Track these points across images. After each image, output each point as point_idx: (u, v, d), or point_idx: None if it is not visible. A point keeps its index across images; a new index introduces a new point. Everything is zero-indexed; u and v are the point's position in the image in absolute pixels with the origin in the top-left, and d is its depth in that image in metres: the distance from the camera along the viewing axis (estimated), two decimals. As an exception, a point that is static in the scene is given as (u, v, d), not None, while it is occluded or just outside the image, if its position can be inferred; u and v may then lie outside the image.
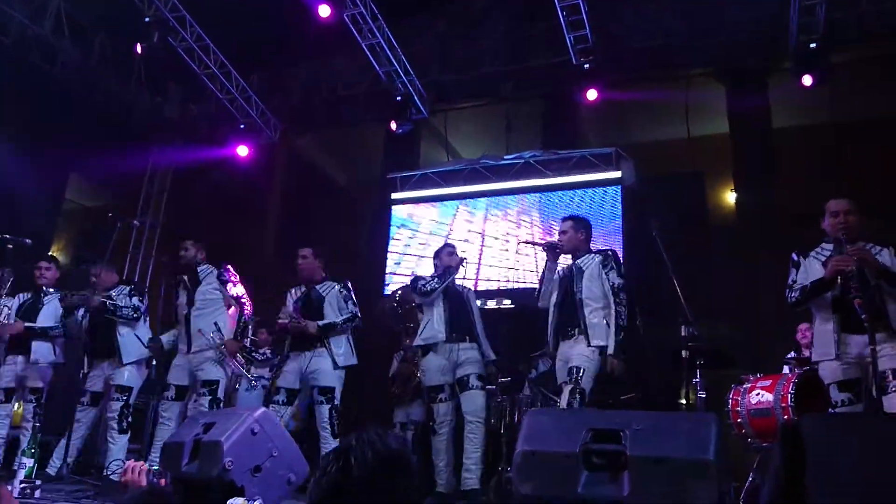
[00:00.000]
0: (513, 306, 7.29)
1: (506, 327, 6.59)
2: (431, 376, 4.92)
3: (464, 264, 5.20)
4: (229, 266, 5.35)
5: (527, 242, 6.70)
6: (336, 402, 4.89)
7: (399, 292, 7.34)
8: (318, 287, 5.16)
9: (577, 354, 4.23)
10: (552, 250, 4.60)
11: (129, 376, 5.21)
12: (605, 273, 4.34)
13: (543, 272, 4.65)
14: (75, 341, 5.55)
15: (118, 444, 5.08)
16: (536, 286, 4.77)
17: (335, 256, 5.43)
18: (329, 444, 4.80)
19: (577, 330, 4.29)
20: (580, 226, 4.58)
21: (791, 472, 1.86)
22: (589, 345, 4.21)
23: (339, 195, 9.86)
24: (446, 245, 5.47)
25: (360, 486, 1.42)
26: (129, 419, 5.18)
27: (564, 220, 4.68)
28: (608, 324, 4.23)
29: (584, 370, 4.14)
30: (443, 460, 4.80)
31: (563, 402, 4.15)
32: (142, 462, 3.37)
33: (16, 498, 2.62)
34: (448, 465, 4.81)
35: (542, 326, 4.62)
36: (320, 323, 4.95)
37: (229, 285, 5.26)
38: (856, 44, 6.92)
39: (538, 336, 4.96)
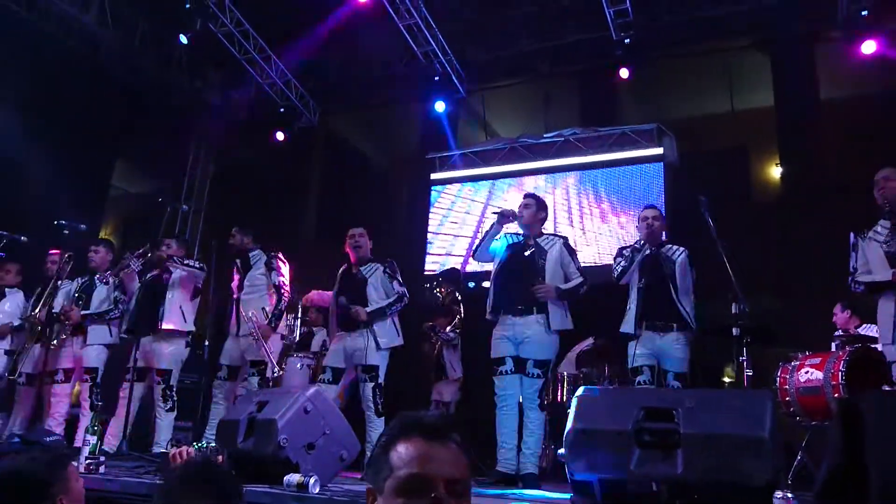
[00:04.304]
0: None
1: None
2: (493, 348, 4.69)
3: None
4: (280, 254, 5.45)
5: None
6: (380, 380, 4.92)
7: (440, 278, 7.30)
8: (362, 268, 5.17)
9: (680, 359, 4.33)
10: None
11: (168, 359, 5.29)
12: (691, 267, 4.49)
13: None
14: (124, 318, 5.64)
15: (165, 421, 5.27)
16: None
17: (375, 237, 5.45)
18: (373, 422, 4.84)
19: (675, 325, 4.35)
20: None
21: (851, 451, 1.84)
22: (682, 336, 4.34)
23: (377, 176, 9.92)
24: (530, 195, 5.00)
25: None
26: (175, 398, 5.30)
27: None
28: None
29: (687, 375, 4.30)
30: (501, 437, 4.48)
31: None
32: (188, 448, 3.48)
33: (81, 474, 2.73)
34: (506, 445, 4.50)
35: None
36: (369, 309, 4.95)
37: (274, 273, 5.37)
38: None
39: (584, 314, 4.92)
